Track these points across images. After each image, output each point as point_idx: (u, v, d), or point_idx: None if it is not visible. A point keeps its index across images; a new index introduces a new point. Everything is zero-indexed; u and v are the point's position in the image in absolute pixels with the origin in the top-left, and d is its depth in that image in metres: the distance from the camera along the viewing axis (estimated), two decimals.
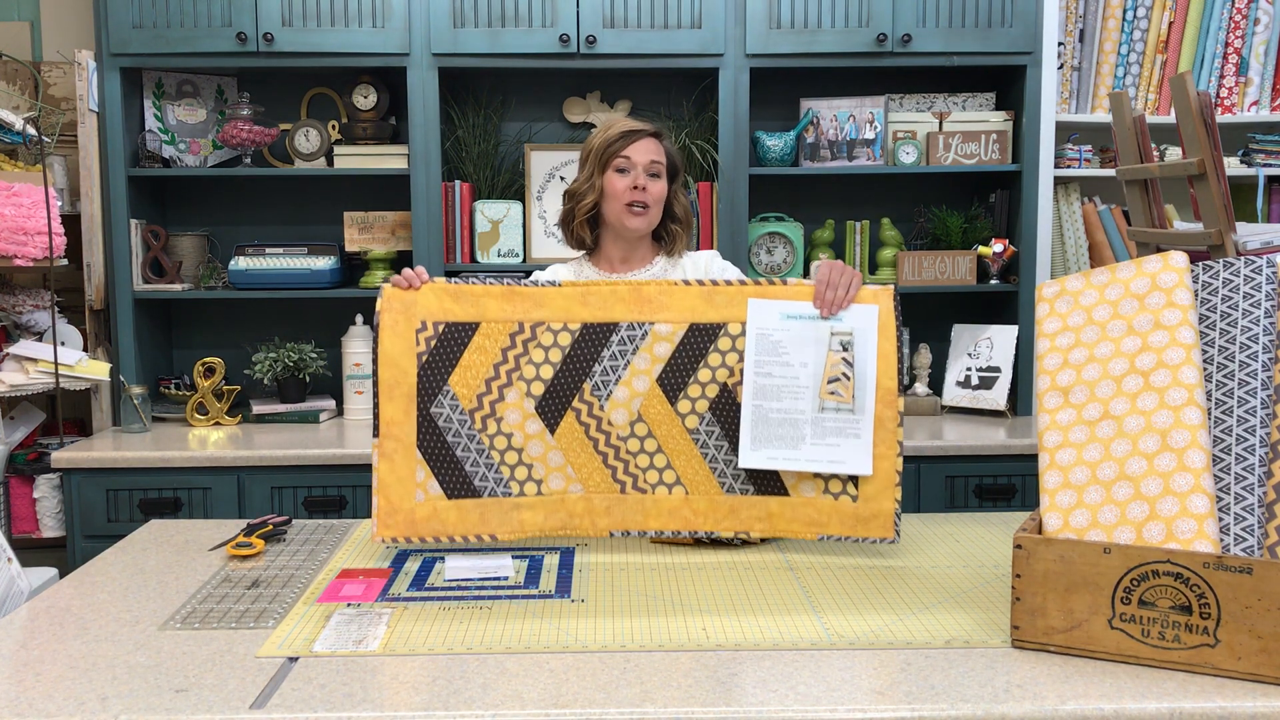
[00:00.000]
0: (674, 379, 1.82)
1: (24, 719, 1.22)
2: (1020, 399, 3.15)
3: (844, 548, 1.85)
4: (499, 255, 3.17)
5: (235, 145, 3.12)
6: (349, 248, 3.18)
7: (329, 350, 3.25)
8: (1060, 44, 3.14)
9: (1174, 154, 3.11)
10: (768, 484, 1.81)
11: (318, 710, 1.23)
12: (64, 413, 3.06)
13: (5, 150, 3.00)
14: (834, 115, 3.16)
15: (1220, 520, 1.36)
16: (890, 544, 1.78)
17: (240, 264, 3.13)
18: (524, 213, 3.19)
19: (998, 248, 3.12)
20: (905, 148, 3.15)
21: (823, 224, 3.28)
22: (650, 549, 1.86)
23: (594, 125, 3.28)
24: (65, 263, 3.00)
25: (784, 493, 1.81)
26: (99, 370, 2.98)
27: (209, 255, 3.29)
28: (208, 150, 3.27)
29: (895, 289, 1.82)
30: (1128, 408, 1.43)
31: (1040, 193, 3.10)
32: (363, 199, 3.30)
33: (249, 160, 3.16)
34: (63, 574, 2.04)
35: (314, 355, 3.16)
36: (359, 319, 3.15)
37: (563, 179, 3.21)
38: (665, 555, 1.82)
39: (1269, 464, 1.37)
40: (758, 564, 1.77)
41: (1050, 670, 1.33)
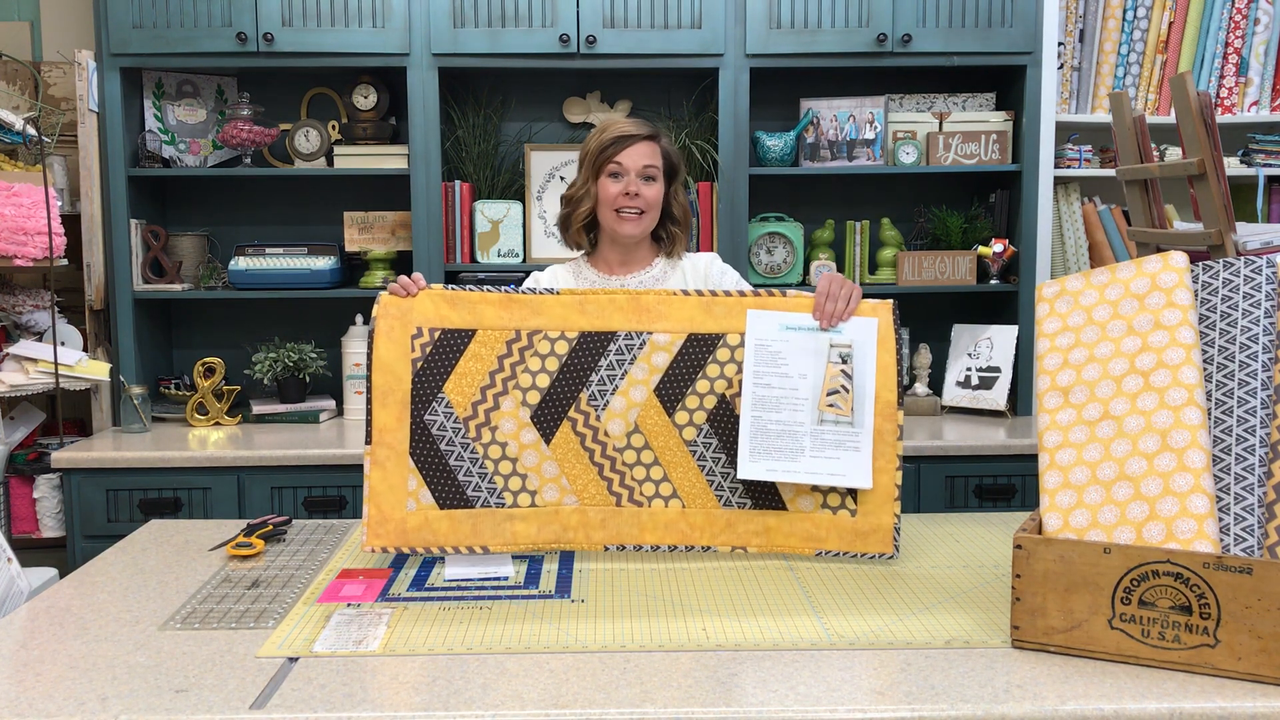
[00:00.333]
0: (672, 390, 1.79)
1: (24, 719, 1.22)
2: (1020, 399, 3.15)
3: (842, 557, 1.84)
4: (499, 255, 3.17)
5: (235, 145, 3.12)
6: (349, 248, 3.18)
7: (329, 350, 3.25)
8: (1060, 44, 3.14)
9: (1174, 154, 3.11)
10: (765, 498, 1.79)
11: (318, 710, 1.23)
12: (64, 413, 3.06)
13: (5, 150, 3.00)
14: (834, 115, 3.16)
15: (1220, 520, 1.36)
16: (889, 559, 1.77)
17: (240, 264, 3.13)
18: (524, 213, 3.19)
19: (998, 248, 3.12)
20: (905, 148, 3.15)
21: (823, 224, 3.28)
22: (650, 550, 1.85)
23: (594, 125, 3.27)
24: (65, 263, 3.00)
25: (782, 507, 1.79)
26: (99, 370, 2.98)
27: (209, 255, 3.30)
28: (208, 150, 3.27)
29: (895, 303, 1.80)
30: (1128, 408, 1.43)
31: (1040, 193, 3.10)
32: (363, 199, 3.30)
33: (249, 160, 3.17)
34: (63, 574, 2.04)
35: (314, 355, 3.16)
36: (359, 319, 3.15)
37: (563, 179, 3.21)
38: (665, 556, 1.82)
39: (1269, 464, 1.37)
40: (758, 565, 1.77)
41: (1050, 670, 1.33)
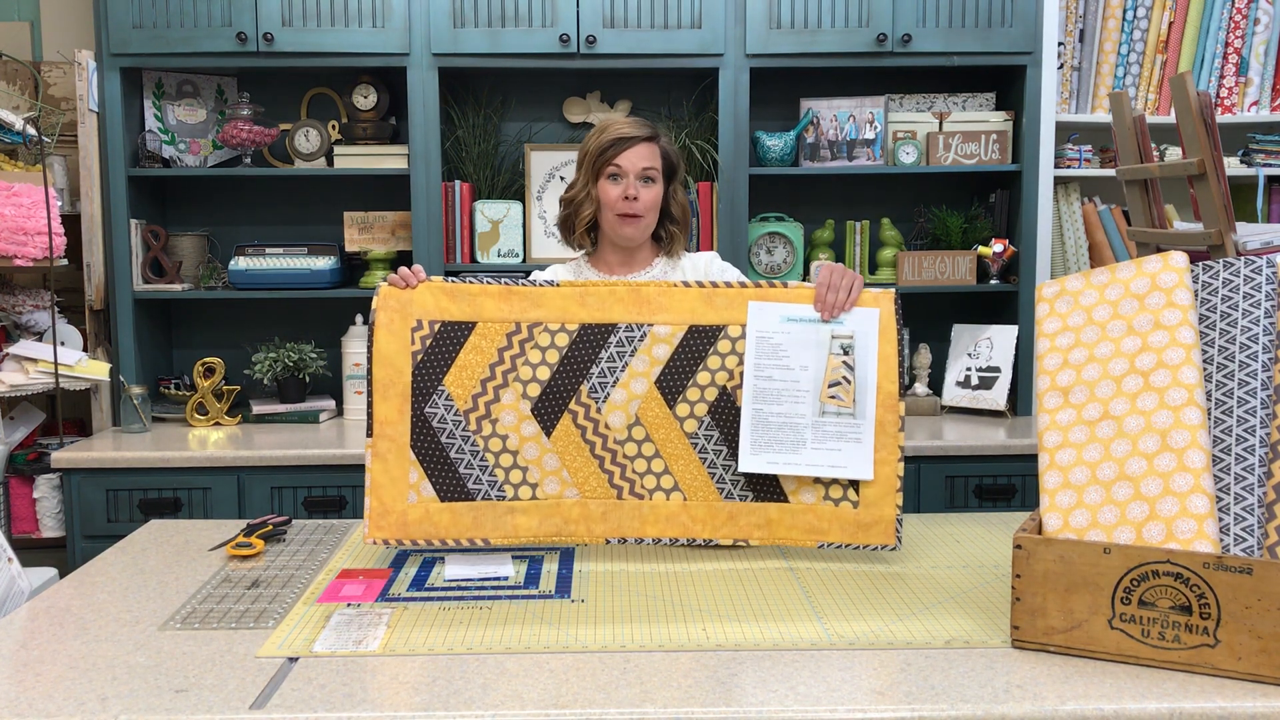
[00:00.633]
0: (672, 382, 1.79)
1: (24, 719, 1.22)
2: (1020, 399, 3.15)
3: (845, 549, 1.85)
4: (499, 255, 3.17)
5: (235, 145, 3.12)
6: (349, 248, 3.18)
7: (329, 350, 3.25)
8: (1060, 44, 3.14)
9: (1174, 154, 3.11)
10: (767, 490, 1.79)
11: (318, 710, 1.23)
12: (64, 413, 3.06)
13: (5, 150, 3.00)
14: (834, 115, 3.16)
15: (1220, 520, 1.36)
16: (891, 550, 1.78)
17: (240, 264, 3.13)
18: (524, 213, 3.19)
19: (998, 248, 3.11)
20: (905, 148, 3.15)
21: (823, 224, 3.28)
22: (651, 550, 1.85)
23: (594, 125, 3.27)
24: (65, 263, 3.00)
25: (783, 499, 1.79)
26: (99, 370, 2.98)
27: (209, 255, 3.29)
28: (208, 150, 3.27)
29: (896, 292, 1.80)
30: (1127, 408, 1.43)
31: (1040, 193, 3.10)
32: (363, 199, 3.30)
33: (249, 160, 3.16)
34: (63, 574, 2.04)
35: (314, 355, 3.16)
36: (359, 319, 3.15)
37: (563, 179, 3.21)
38: (666, 557, 1.82)
39: (1269, 464, 1.37)
40: (759, 566, 1.77)
41: (1050, 670, 1.33)
